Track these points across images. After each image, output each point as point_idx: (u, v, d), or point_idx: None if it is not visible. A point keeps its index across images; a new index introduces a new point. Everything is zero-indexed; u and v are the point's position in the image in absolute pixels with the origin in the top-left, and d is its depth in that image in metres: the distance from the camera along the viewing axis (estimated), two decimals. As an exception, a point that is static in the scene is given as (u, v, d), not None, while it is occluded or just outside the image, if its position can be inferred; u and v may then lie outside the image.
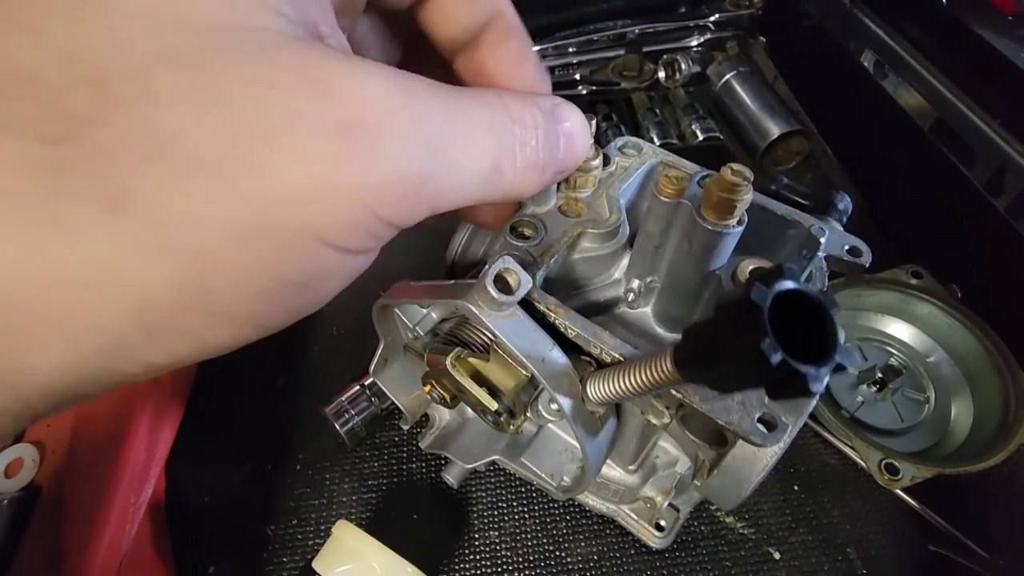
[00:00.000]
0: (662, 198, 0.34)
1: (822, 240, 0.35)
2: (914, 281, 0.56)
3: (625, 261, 0.41)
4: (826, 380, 0.21)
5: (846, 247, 0.38)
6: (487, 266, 0.32)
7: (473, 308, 0.32)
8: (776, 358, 0.20)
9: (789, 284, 0.21)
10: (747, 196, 0.30)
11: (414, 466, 0.54)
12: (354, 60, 0.20)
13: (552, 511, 0.51)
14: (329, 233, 0.20)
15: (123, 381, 0.20)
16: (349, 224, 0.20)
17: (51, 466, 0.42)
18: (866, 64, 0.76)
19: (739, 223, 0.32)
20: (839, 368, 0.21)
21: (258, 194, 0.18)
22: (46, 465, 0.43)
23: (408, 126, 0.21)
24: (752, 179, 0.30)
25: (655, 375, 0.28)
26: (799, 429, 0.40)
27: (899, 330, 0.58)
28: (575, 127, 0.29)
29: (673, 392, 0.31)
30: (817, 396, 0.32)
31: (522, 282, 0.32)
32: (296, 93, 0.19)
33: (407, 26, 0.33)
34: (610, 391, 0.31)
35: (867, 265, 0.38)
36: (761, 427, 0.30)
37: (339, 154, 0.19)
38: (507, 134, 0.25)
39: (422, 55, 0.33)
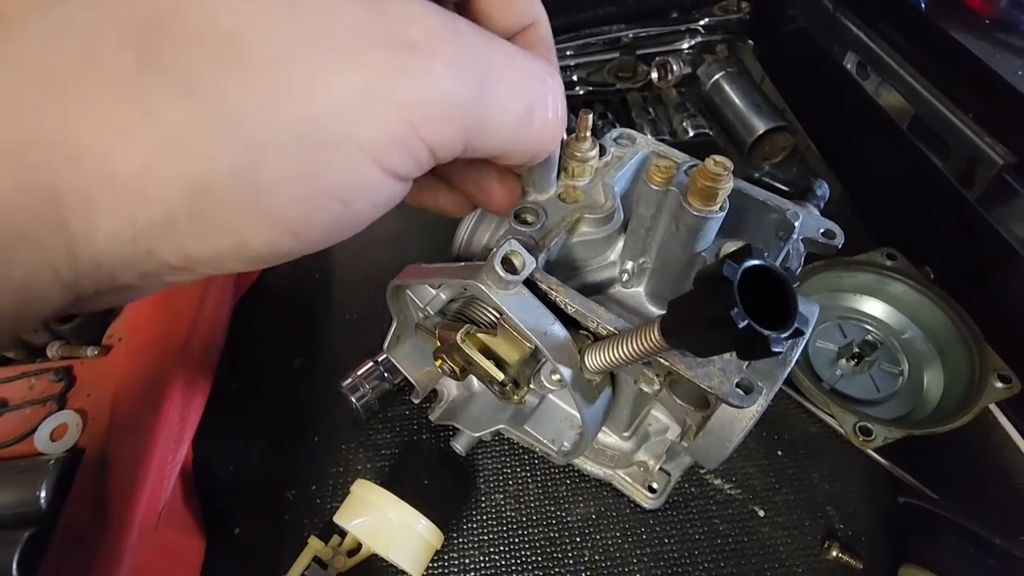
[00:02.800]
0: (652, 186, 0.38)
1: (796, 223, 0.39)
2: (889, 263, 0.60)
3: (620, 244, 0.45)
4: (786, 343, 0.25)
5: (821, 230, 0.42)
6: (495, 249, 0.36)
7: (482, 287, 0.36)
8: (743, 324, 0.24)
9: (755, 261, 0.25)
10: (728, 184, 0.34)
11: (424, 437, 0.58)
12: None
13: (553, 475, 0.55)
14: (370, 143, 0.21)
15: (162, 274, 0.21)
16: (391, 138, 0.21)
17: (93, 431, 0.46)
18: (849, 65, 0.80)
19: (721, 208, 0.36)
20: (798, 333, 0.25)
21: (310, 96, 0.19)
22: (88, 430, 0.46)
23: (458, 55, 0.22)
24: (732, 169, 0.34)
25: (645, 344, 0.32)
26: (775, 395, 0.44)
27: (875, 308, 0.62)
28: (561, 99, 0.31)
29: (661, 360, 0.35)
30: (788, 366, 0.36)
31: (526, 263, 0.36)
32: (356, 9, 0.20)
33: None
34: (606, 360, 0.35)
35: (839, 246, 0.41)
36: (739, 391, 0.34)
37: (391, 69, 0.20)
38: (541, 82, 0.26)
39: None
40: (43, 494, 0.43)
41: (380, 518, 0.47)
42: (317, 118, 0.19)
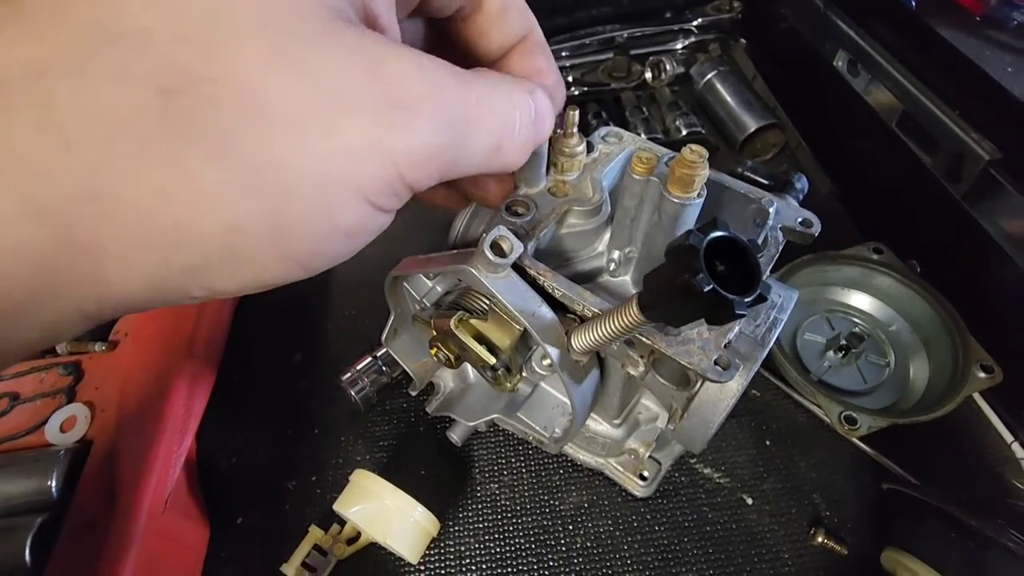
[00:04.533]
0: (635, 176, 0.40)
1: (770, 211, 0.41)
2: (875, 257, 0.62)
3: (607, 236, 0.46)
4: (751, 308, 0.27)
5: (799, 219, 0.44)
6: (484, 235, 0.38)
7: (473, 271, 0.38)
8: (707, 288, 0.25)
9: (720, 233, 0.27)
10: (704, 172, 0.36)
11: (421, 429, 0.59)
12: (400, 48, 0.24)
13: (546, 465, 0.56)
14: (367, 187, 0.24)
15: (183, 302, 0.24)
16: (381, 181, 0.24)
17: (101, 423, 0.48)
18: (839, 63, 0.81)
19: (699, 196, 0.37)
20: (760, 299, 0.27)
21: (325, 148, 0.22)
22: (96, 421, 0.48)
23: (437, 110, 0.25)
24: (707, 156, 0.35)
25: (626, 320, 0.33)
26: (766, 386, 0.45)
27: (862, 301, 0.63)
28: (542, 108, 0.33)
29: (643, 339, 0.37)
30: (766, 347, 0.38)
31: (514, 247, 0.37)
32: (356, 71, 0.23)
33: (440, 26, 0.38)
34: (591, 339, 0.37)
35: (816, 235, 0.43)
36: (717, 367, 0.35)
37: (384, 124, 0.23)
38: (509, 118, 0.30)
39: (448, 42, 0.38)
40: (54, 483, 0.45)
41: (378, 506, 0.48)
42: (329, 166, 0.22)
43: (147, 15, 0.20)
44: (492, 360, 0.43)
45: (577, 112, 0.43)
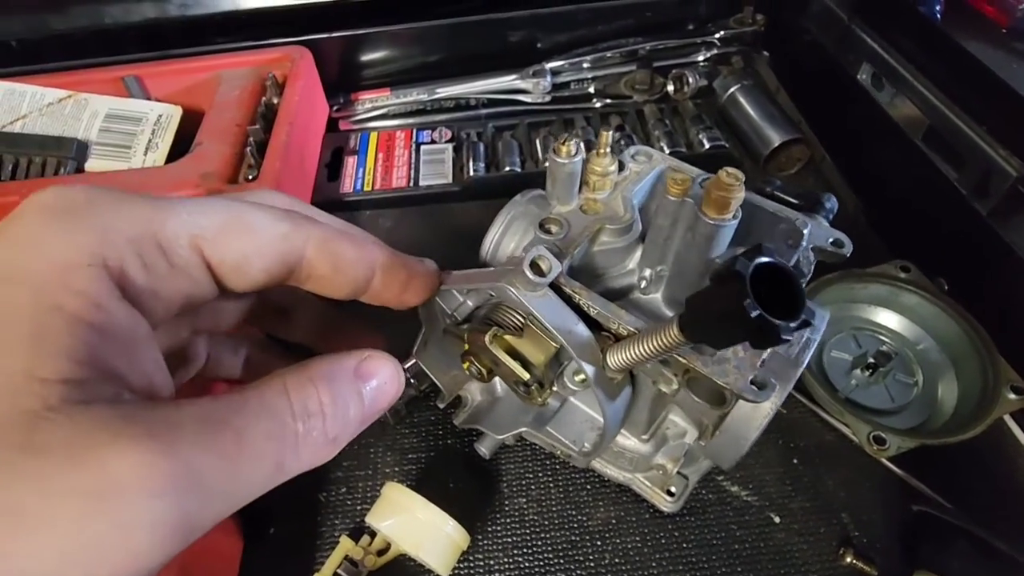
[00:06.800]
0: (670, 197, 0.40)
1: (804, 231, 0.41)
2: (903, 275, 0.62)
3: (638, 253, 0.47)
4: (795, 332, 0.27)
5: (830, 240, 0.44)
6: (524, 254, 0.38)
7: (512, 289, 0.39)
8: (755, 314, 0.26)
9: (765, 259, 0.27)
10: (740, 194, 0.36)
11: (449, 442, 0.60)
12: (120, 426, 0.22)
13: (574, 480, 0.56)
14: None
15: None
16: None
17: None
18: (863, 77, 0.81)
19: (734, 217, 0.38)
20: (805, 323, 0.27)
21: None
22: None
23: (164, 480, 0.22)
24: (744, 179, 0.36)
25: (664, 340, 0.34)
26: (792, 404, 0.45)
27: (889, 319, 0.63)
28: (381, 379, 0.32)
29: (679, 358, 0.37)
30: (800, 366, 0.38)
31: (553, 267, 0.38)
32: (48, 475, 0.20)
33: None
34: (627, 357, 0.37)
35: (847, 255, 0.43)
36: (753, 387, 0.36)
37: (88, 523, 0.20)
38: (288, 436, 0.26)
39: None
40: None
41: (410, 519, 0.49)
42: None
43: None
44: (526, 376, 0.43)
45: (611, 133, 0.44)
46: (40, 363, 0.22)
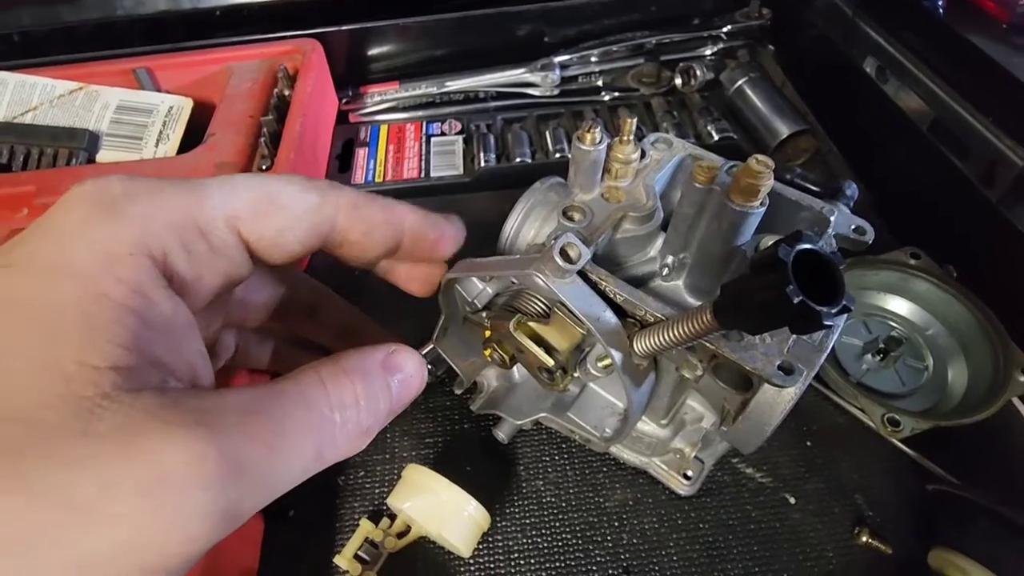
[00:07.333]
0: (696, 185, 0.41)
1: (831, 219, 0.42)
2: (913, 261, 0.63)
3: (660, 240, 0.48)
4: (836, 318, 0.28)
5: (852, 227, 0.45)
6: (552, 241, 0.39)
7: (540, 276, 0.39)
8: (797, 300, 0.26)
9: (807, 245, 0.28)
10: (769, 181, 0.37)
11: (466, 427, 0.60)
12: (168, 414, 0.22)
13: (591, 463, 0.57)
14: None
15: None
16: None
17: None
18: (868, 69, 0.82)
19: (762, 204, 0.38)
20: (845, 309, 0.28)
21: (62, 564, 0.20)
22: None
23: (213, 470, 0.22)
24: (773, 167, 0.36)
25: (695, 326, 0.35)
26: (809, 382, 0.45)
27: (899, 306, 0.64)
28: (407, 372, 0.33)
29: (707, 345, 0.38)
30: (824, 352, 0.39)
31: (582, 254, 0.39)
32: (104, 464, 0.21)
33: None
34: (655, 343, 0.38)
35: (870, 242, 0.44)
36: (781, 372, 0.36)
37: (142, 515, 0.21)
38: (326, 427, 0.27)
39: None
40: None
41: (433, 500, 0.50)
42: None
43: None
44: (550, 362, 0.44)
45: (635, 120, 0.44)
46: (91, 351, 0.22)
